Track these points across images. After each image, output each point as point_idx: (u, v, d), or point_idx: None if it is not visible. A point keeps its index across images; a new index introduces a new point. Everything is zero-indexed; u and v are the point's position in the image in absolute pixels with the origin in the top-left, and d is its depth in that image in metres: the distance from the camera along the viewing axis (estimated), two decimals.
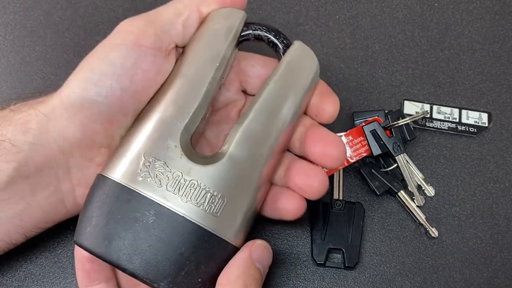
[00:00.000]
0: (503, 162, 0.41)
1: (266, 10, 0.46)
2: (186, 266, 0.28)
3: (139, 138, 0.30)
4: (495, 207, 0.40)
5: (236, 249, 0.30)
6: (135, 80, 0.31)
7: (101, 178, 0.30)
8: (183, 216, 0.28)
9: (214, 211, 0.29)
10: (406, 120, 0.40)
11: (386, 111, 0.41)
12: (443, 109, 0.42)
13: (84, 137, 0.31)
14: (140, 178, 0.29)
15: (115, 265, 0.28)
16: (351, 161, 0.40)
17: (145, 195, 0.28)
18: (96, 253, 0.28)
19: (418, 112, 0.42)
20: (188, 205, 0.29)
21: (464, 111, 0.43)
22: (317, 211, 0.39)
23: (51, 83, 0.43)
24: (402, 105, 0.43)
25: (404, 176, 0.39)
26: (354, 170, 0.41)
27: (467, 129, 0.42)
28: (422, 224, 0.39)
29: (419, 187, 0.40)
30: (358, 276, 0.38)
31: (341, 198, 0.40)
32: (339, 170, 0.40)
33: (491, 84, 0.44)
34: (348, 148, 0.40)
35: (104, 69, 0.31)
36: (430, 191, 0.40)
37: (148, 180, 0.29)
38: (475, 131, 0.42)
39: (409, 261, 0.39)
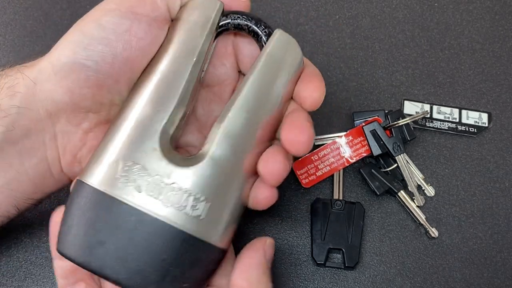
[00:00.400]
0: (503, 162, 0.41)
1: (266, 10, 0.46)
2: (170, 272, 0.27)
3: (116, 141, 0.29)
4: (495, 207, 0.40)
5: (222, 251, 0.29)
6: (128, 48, 0.30)
7: (80, 184, 0.29)
8: (164, 222, 0.27)
9: (197, 214, 0.28)
10: (406, 120, 0.40)
11: (386, 111, 0.41)
12: (443, 109, 0.42)
13: (72, 101, 0.30)
14: (119, 184, 0.28)
15: (98, 274, 0.28)
16: (351, 161, 0.40)
17: (125, 201, 0.27)
18: (78, 262, 0.27)
19: (418, 112, 0.42)
20: (169, 209, 0.27)
21: (464, 111, 0.43)
22: (317, 211, 0.39)
23: None
24: (402, 105, 0.43)
25: (404, 176, 0.39)
26: (354, 170, 0.41)
27: (467, 129, 0.42)
28: (422, 224, 0.39)
29: (419, 187, 0.40)
30: (358, 276, 0.38)
31: (341, 198, 0.40)
32: (339, 170, 0.40)
33: (491, 84, 0.44)
34: (348, 148, 0.40)
35: (95, 34, 0.30)
36: (430, 191, 0.40)
37: (128, 185, 0.28)
38: (475, 131, 0.42)
39: (409, 261, 0.39)
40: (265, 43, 0.32)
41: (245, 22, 0.32)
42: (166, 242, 0.27)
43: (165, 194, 0.28)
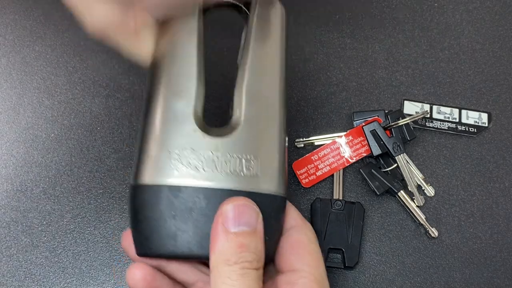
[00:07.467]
0: (503, 162, 0.41)
1: None
2: None
3: (156, 136, 0.31)
4: (495, 207, 0.40)
5: (284, 198, 0.32)
6: None
7: (138, 188, 0.30)
8: (229, 190, 0.30)
9: (254, 173, 0.30)
10: (406, 120, 0.40)
11: (386, 111, 0.41)
12: (443, 109, 0.42)
13: None
14: (177, 172, 0.30)
15: (188, 257, 0.30)
16: (351, 161, 0.40)
17: (189, 185, 0.29)
18: (166, 254, 0.29)
19: (418, 112, 0.42)
20: (229, 177, 0.30)
21: (464, 111, 0.43)
22: (317, 211, 0.39)
23: (51, 83, 0.43)
24: (402, 105, 0.43)
25: (404, 176, 0.39)
26: (354, 170, 0.41)
27: (467, 129, 0.42)
28: (422, 224, 0.39)
29: (419, 187, 0.40)
30: (358, 276, 0.38)
31: (341, 198, 0.40)
32: (339, 170, 0.40)
33: (491, 84, 0.44)
34: (348, 148, 0.40)
35: None
36: (430, 191, 0.40)
37: (184, 170, 0.30)
38: (475, 131, 0.42)
39: (409, 261, 0.39)
40: (247, 12, 0.34)
41: None
42: None
43: (220, 165, 0.30)
